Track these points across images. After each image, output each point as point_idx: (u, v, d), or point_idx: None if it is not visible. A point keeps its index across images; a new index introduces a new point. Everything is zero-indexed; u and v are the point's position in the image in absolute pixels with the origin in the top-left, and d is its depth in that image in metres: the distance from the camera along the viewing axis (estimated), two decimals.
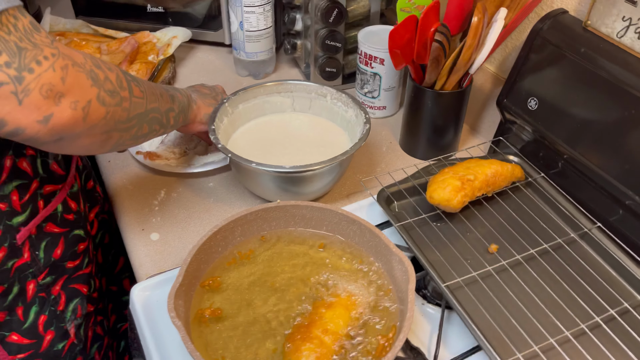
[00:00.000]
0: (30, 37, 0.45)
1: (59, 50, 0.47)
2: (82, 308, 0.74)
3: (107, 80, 0.52)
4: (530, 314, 0.62)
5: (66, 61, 0.47)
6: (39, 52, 0.45)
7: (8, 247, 0.61)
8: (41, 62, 0.45)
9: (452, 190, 0.70)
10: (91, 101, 0.50)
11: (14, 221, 0.62)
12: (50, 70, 0.46)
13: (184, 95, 0.72)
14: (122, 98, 0.54)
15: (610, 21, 0.66)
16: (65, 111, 0.47)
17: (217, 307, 0.59)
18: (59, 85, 0.46)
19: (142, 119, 0.59)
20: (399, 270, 0.60)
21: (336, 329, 0.56)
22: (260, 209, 0.65)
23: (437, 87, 0.80)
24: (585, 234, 0.72)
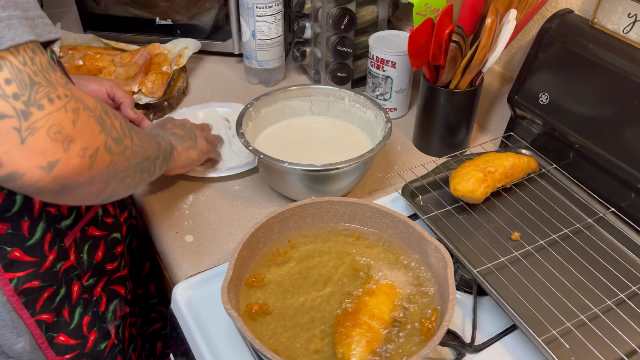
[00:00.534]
0: (45, 74, 0.42)
1: (72, 92, 0.44)
2: (120, 309, 0.75)
3: (113, 127, 0.49)
4: (559, 294, 0.66)
5: (78, 104, 0.44)
6: (53, 90, 0.42)
7: (57, 249, 0.63)
8: (54, 101, 0.41)
9: (476, 181, 0.73)
10: (99, 148, 0.46)
11: (62, 225, 0.64)
12: (62, 111, 0.42)
13: (167, 143, 0.70)
14: (126, 146, 0.51)
15: (616, 18, 0.71)
16: (73, 159, 0.43)
17: (264, 302, 0.61)
18: (69, 128, 0.42)
19: (136, 168, 0.56)
20: (434, 257, 0.63)
21: (381, 314, 0.59)
22: (296, 206, 0.68)
23: (451, 86, 0.84)
24: (600, 219, 0.76)
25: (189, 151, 0.75)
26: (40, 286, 0.62)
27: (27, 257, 0.60)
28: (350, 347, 0.56)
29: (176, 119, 0.81)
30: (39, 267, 0.61)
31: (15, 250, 0.58)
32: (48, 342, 0.65)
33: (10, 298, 0.59)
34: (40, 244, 0.60)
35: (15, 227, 0.58)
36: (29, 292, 0.61)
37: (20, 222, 0.58)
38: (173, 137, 0.75)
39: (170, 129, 0.76)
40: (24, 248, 0.59)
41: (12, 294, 0.59)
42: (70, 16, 1.30)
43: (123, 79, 1.02)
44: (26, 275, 0.60)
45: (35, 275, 0.61)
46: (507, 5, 0.81)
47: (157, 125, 0.77)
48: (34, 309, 0.62)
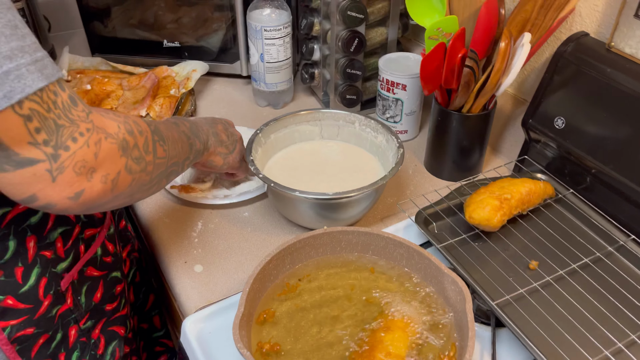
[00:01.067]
0: (68, 114, 0.45)
1: (94, 123, 0.47)
2: (119, 350, 0.73)
3: (135, 147, 0.51)
4: (580, 327, 0.63)
5: (100, 135, 0.47)
6: (76, 129, 0.45)
7: (53, 294, 0.61)
8: (77, 139, 0.45)
9: (492, 209, 0.72)
10: (120, 172, 0.49)
11: (58, 268, 0.62)
12: (85, 147, 0.45)
13: (202, 143, 0.71)
14: (147, 163, 0.53)
15: (634, 42, 0.70)
16: (96, 186, 0.47)
17: (276, 342, 0.59)
18: (92, 161, 0.46)
19: (161, 176, 0.58)
20: (452, 291, 0.61)
21: (397, 351, 0.57)
22: (308, 236, 0.66)
23: (464, 110, 0.82)
24: (621, 247, 0.74)
25: (217, 156, 0.75)
26: (35, 333, 0.60)
27: (21, 305, 0.58)
28: None
29: (230, 126, 0.80)
30: (33, 313, 0.59)
31: (8, 298, 0.57)
32: None
33: (3, 347, 0.57)
34: (34, 290, 0.59)
35: (8, 274, 0.56)
36: (23, 339, 0.59)
37: (14, 268, 0.57)
38: (214, 137, 0.75)
39: (219, 129, 0.77)
40: (17, 295, 0.57)
41: (6, 343, 0.57)
42: (77, 39, 1.30)
43: (131, 102, 1.02)
44: (20, 322, 0.58)
45: (29, 323, 0.59)
46: (520, 29, 0.80)
47: (210, 120, 0.78)
48: (29, 356, 0.60)
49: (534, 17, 0.78)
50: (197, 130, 0.69)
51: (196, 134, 0.69)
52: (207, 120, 0.76)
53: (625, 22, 0.69)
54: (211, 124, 0.76)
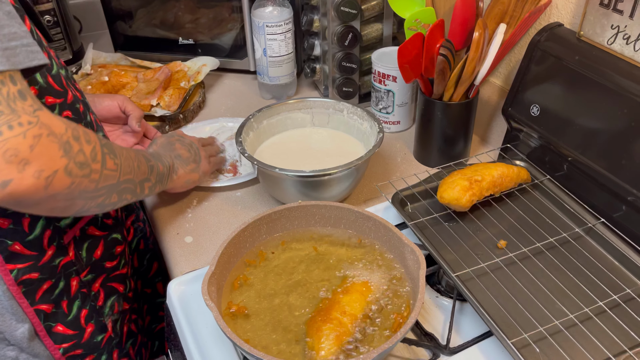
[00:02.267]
0: (11, 103, 0.46)
1: (39, 119, 0.48)
2: (118, 305, 0.80)
3: (80, 152, 0.52)
4: (537, 301, 0.66)
5: (42, 130, 0.48)
6: (15, 118, 0.46)
7: (56, 245, 0.69)
8: (13, 127, 0.46)
9: (461, 189, 0.75)
10: (57, 171, 0.50)
11: (61, 223, 0.69)
12: (21, 137, 0.46)
13: (165, 167, 0.74)
14: (92, 170, 0.54)
15: (600, 30, 0.72)
16: (26, 179, 0.47)
17: (243, 305, 0.64)
18: (25, 152, 0.46)
19: (112, 190, 0.59)
20: (411, 259, 0.66)
21: (353, 311, 0.61)
22: (283, 209, 0.72)
23: (445, 98, 0.86)
24: (590, 229, 0.76)
25: (191, 174, 0.81)
26: (39, 278, 0.67)
27: (27, 251, 0.65)
28: (320, 340, 0.59)
29: (185, 138, 0.86)
30: (37, 260, 0.66)
31: (16, 244, 0.64)
32: (46, 330, 0.70)
33: (10, 287, 0.65)
34: (39, 240, 0.66)
35: (16, 223, 0.63)
36: (29, 282, 0.66)
37: (21, 218, 0.64)
38: (177, 160, 0.80)
39: (178, 150, 0.82)
40: (24, 242, 0.65)
41: (12, 284, 0.65)
42: (104, 38, 1.41)
43: (144, 93, 1.10)
44: (26, 267, 0.65)
45: (34, 268, 0.66)
46: (498, 20, 0.83)
47: (166, 143, 0.83)
48: (33, 298, 0.67)
49: (512, 9, 0.81)
50: (159, 156, 0.74)
51: (158, 158, 0.73)
52: (164, 148, 0.81)
53: (592, 11, 0.72)
54: (169, 148, 0.81)
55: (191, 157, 0.83)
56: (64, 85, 0.65)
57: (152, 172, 0.69)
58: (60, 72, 0.65)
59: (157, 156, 0.74)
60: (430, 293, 0.73)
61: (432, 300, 0.72)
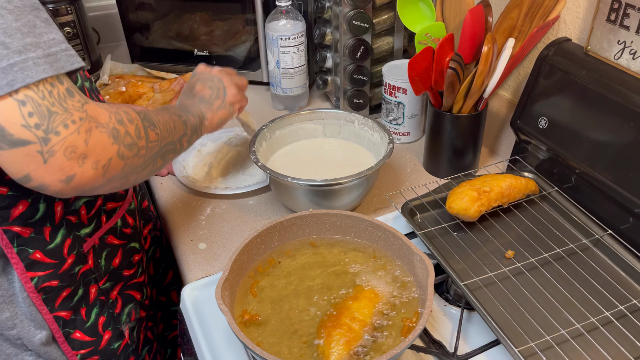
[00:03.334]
0: (62, 103, 0.50)
1: (87, 113, 0.51)
2: (135, 312, 0.82)
3: (127, 134, 0.55)
4: (544, 310, 0.67)
5: (91, 124, 0.51)
6: (68, 116, 0.49)
7: (76, 254, 0.71)
8: (68, 126, 0.49)
9: (469, 200, 0.77)
10: (112, 158, 0.53)
11: (81, 232, 0.72)
12: (75, 134, 0.49)
13: (196, 117, 0.74)
14: (140, 147, 0.57)
15: (607, 45, 0.74)
16: (87, 171, 0.51)
17: (256, 313, 0.66)
18: (82, 147, 0.50)
19: (156, 156, 0.62)
20: (420, 268, 0.67)
21: (363, 317, 0.63)
22: (295, 217, 0.74)
23: (454, 110, 0.88)
24: (597, 241, 0.77)
25: (219, 112, 0.79)
26: (59, 286, 0.69)
27: (47, 259, 0.67)
28: (330, 345, 0.60)
29: (204, 73, 0.83)
30: (58, 268, 0.68)
31: (37, 252, 0.66)
32: (65, 337, 0.72)
33: (30, 294, 0.67)
34: (59, 248, 0.68)
35: (37, 232, 0.66)
36: (48, 290, 0.68)
37: (43, 227, 0.66)
38: (202, 104, 0.78)
39: (199, 92, 0.80)
40: (44, 251, 0.67)
41: (33, 291, 0.67)
42: (121, 49, 1.45)
43: (160, 103, 1.13)
44: (46, 275, 0.67)
45: (54, 276, 0.68)
46: (507, 35, 0.85)
47: (187, 91, 0.81)
48: (53, 305, 0.69)
49: (520, 24, 0.83)
50: (187, 108, 0.74)
51: (187, 110, 0.73)
52: (185, 94, 0.80)
53: (599, 27, 0.74)
54: (190, 94, 0.80)
55: (214, 94, 0.80)
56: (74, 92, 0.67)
57: (187, 126, 0.70)
58: (84, 84, 0.68)
59: (185, 108, 0.74)
60: (438, 302, 0.74)
61: (440, 308, 0.73)
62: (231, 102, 0.82)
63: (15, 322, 0.67)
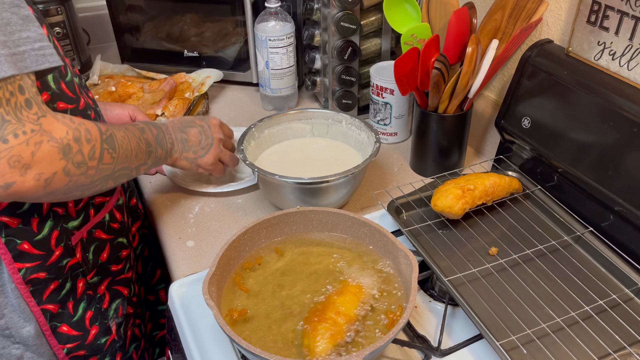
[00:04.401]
0: (18, 113, 0.51)
1: (41, 126, 0.53)
2: (123, 308, 0.83)
3: (79, 153, 0.57)
4: (526, 305, 0.68)
5: (43, 137, 0.52)
6: (20, 127, 0.51)
7: (64, 246, 0.71)
8: (18, 136, 0.51)
9: (454, 197, 0.78)
10: (56, 173, 0.55)
11: (69, 225, 0.72)
12: (24, 145, 0.51)
13: (164, 151, 0.76)
14: (89, 167, 0.59)
15: (587, 46, 0.76)
16: (27, 181, 0.53)
17: (243, 308, 0.67)
18: (27, 158, 0.52)
19: (107, 179, 0.64)
20: (404, 264, 0.68)
21: (347, 311, 0.64)
22: (282, 214, 0.75)
23: (440, 110, 0.89)
24: (578, 238, 0.78)
25: (183, 161, 0.81)
26: (46, 278, 0.69)
27: (35, 250, 0.68)
28: (315, 339, 0.61)
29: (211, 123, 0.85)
30: (45, 260, 0.69)
31: (25, 243, 0.67)
32: (51, 330, 0.72)
33: (18, 285, 0.67)
34: (47, 240, 0.69)
35: (25, 223, 0.66)
36: (36, 282, 0.69)
37: (30, 218, 0.66)
38: (181, 144, 0.80)
39: (189, 134, 0.81)
40: (32, 242, 0.67)
41: (21, 282, 0.67)
42: (111, 50, 1.45)
43: (149, 103, 1.14)
44: (34, 266, 0.68)
45: (42, 268, 0.69)
46: (491, 36, 0.87)
47: (184, 123, 0.82)
48: (40, 298, 0.70)
49: (504, 26, 0.85)
50: (162, 139, 0.76)
51: (160, 142, 0.75)
52: (182, 124, 0.81)
53: (580, 28, 0.76)
54: (184, 128, 0.81)
55: (196, 147, 0.82)
56: (76, 92, 0.68)
57: (150, 157, 0.72)
58: (74, 79, 0.68)
59: (160, 138, 0.75)
60: (423, 297, 0.75)
61: (425, 304, 0.74)
62: (200, 164, 0.84)
63: (4, 312, 0.67)
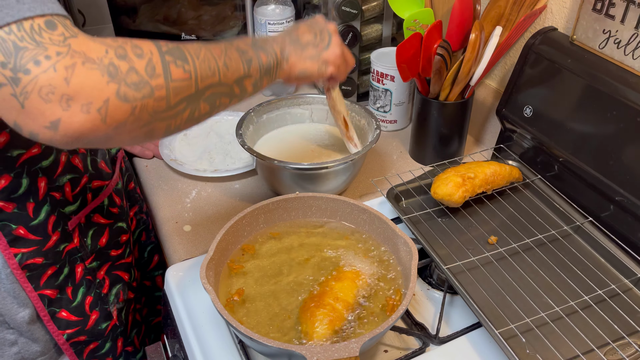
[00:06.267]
0: (36, 36, 0.42)
1: (70, 47, 0.43)
2: (123, 293, 0.82)
3: (131, 71, 0.45)
4: (525, 294, 0.68)
5: (74, 59, 0.42)
6: (41, 52, 0.42)
7: (61, 231, 0.70)
8: (40, 62, 0.41)
9: (454, 185, 0.77)
10: (109, 100, 0.44)
11: (66, 209, 0.71)
12: (50, 71, 0.41)
13: (271, 55, 0.62)
14: (154, 87, 0.47)
15: (592, 35, 0.75)
16: (75, 116, 0.42)
17: (241, 288, 0.66)
18: (61, 86, 0.42)
19: (194, 100, 0.51)
20: (404, 251, 0.67)
21: (345, 297, 0.63)
22: (281, 199, 0.74)
23: (441, 98, 0.88)
24: (578, 228, 0.78)
25: (307, 61, 0.67)
26: (43, 263, 0.68)
27: (31, 235, 0.66)
28: (313, 325, 0.60)
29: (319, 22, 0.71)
30: (42, 245, 0.67)
31: (20, 228, 0.65)
32: (50, 315, 0.71)
33: (14, 270, 0.66)
34: (44, 225, 0.67)
35: (20, 207, 0.64)
36: (33, 267, 0.67)
37: (26, 203, 0.65)
38: (292, 45, 0.66)
39: (299, 33, 0.68)
40: (28, 227, 0.66)
41: (17, 267, 0.66)
42: (107, 32, 1.43)
43: None
44: (30, 251, 0.66)
45: (38, 253, 0.67)
46: (495, 23, 0.85)
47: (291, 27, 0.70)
48: (38, 283, 0.68)
49: (508, 12, 0.84)
50: (264, 43, 0.62)
51: (260, 47, 0.61)
52: (285, 32, 0.69)
53: (585, 16, 0.75)
54: (288, 31, 0.68)
55: (312, 42, 0.68)
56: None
57: (251, 67, 0.58)
58: None
59: (260, 43, 0.62)
60: (421, 285, 0.75)
61: (423, 292, 0.74)
62: (327, 59, 0.69)
63: None
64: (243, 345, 0.66)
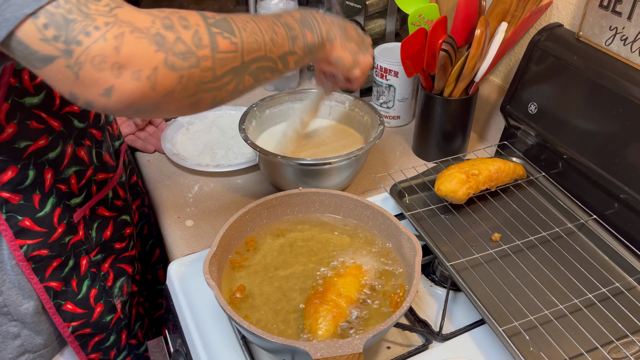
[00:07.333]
0: (82, 8, 0.43)
1: (117, 17, 0.44)
2: (127, 286, 0.81)
3: (178, 41, 0.46)
4: (528, 292, 0.68)
5: (122, 29, 0.44)
6: (90, 23, 0.43)
7: (66, 224, 0.70)
8: (90, 33, 0.43)
9: (458, 182, 0.77)
10: (157, 68, 0.45)
11: (72, 202, 0.70)
12: (101, 41, 0.43)
13: (317, 34, 0.62)
14: (200, 58, 0.48)
15: (599, 31, 0.74)
16: (127, 83, 0.44)
17: (242, 284, 0.66)
18: (112, 55, 0.43)
19: (239, 73, 0.52)
20: (407, 247, 0.67)
21: (348, 293, 0.63)
22: (284, 195, 0.73)
23: (445, 94, 0.88)
24: (582, 225, 0.78)
25: (345, 52, 0.67)
26: (49, 255, 0.68)
27: (37, 227, 0.66)
28: (317, 321, 0.60)
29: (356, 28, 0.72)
30: (47, 237, 0.67)
31: (26, 220, 0.65)
32: (56, 308, 0.71)
33: (20, 262, 0.65)
34: (49, 217, 0.67)
35: (27, 199, 0.64)
36: (38, 259, 0.67)
37: (32, 194, 0.65)
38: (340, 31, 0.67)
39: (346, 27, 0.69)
40: (34, 218, 0.65)
41: (22, 259, 0.66)
42: None
43: None
44: (35, 243, 0.66)
45: (44, 245, 0.67)
46: (500, 19, 0.85)
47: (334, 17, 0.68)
48: (43, 275, 0.68)
49: (513, 8, 0.83)
50: (312, 22, 0.62)
51: (308, 25, 0.61)
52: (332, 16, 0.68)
53: (591, 12, 0.74)
54: (336, 19, 0.68)
55: (356, 40, 0.70)
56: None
57: (296, 44, 0.59)
58: None
59: (307, 21, 0.62)
60: (425, 282, 0.75)
61: (426, 289, 0.74)
62: (360, 62, 0.70)
63: (1, 289, 0.66)
64: (246, 340, 0.66)
